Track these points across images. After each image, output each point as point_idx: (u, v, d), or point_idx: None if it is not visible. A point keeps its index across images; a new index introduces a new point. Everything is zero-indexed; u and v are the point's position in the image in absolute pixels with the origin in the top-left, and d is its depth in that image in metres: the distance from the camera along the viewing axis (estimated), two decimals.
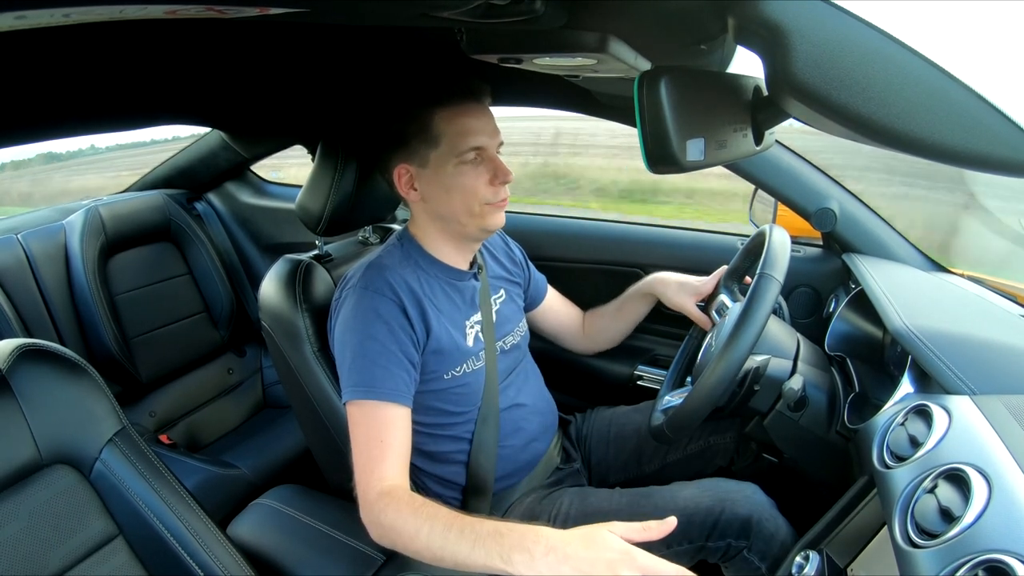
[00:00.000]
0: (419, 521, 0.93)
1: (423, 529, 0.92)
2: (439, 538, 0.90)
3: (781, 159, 1.51)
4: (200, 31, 0.93)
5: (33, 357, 0.91)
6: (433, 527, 0.91)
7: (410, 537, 0.94)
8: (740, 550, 1.12)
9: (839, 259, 1.54)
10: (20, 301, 1.81)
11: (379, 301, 1.11)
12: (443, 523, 0.91)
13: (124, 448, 0.95)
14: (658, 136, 0.62)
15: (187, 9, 0.45)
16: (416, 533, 0.93)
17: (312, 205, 1.32)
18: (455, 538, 0.89)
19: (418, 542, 0.93)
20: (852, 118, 0.51)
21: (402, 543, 0.96)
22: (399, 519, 0.95)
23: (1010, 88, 0.55)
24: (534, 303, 1.52)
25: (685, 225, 1.89)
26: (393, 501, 0.98)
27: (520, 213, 2.00)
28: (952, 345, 0.97)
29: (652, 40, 0.84)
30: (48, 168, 6.86)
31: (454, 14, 0.61)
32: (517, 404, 1.29)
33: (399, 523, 0.95)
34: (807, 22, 0.50)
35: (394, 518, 0.96)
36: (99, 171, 6.60)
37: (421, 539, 0.92)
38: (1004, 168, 0.51)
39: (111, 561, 0.91)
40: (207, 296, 2.26)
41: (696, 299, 1.43)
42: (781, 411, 1.16)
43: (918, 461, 0.80)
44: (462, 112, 1.12)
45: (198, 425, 2.13)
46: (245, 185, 2.49)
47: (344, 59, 1.27)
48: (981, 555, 0.62)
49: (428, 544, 0.92)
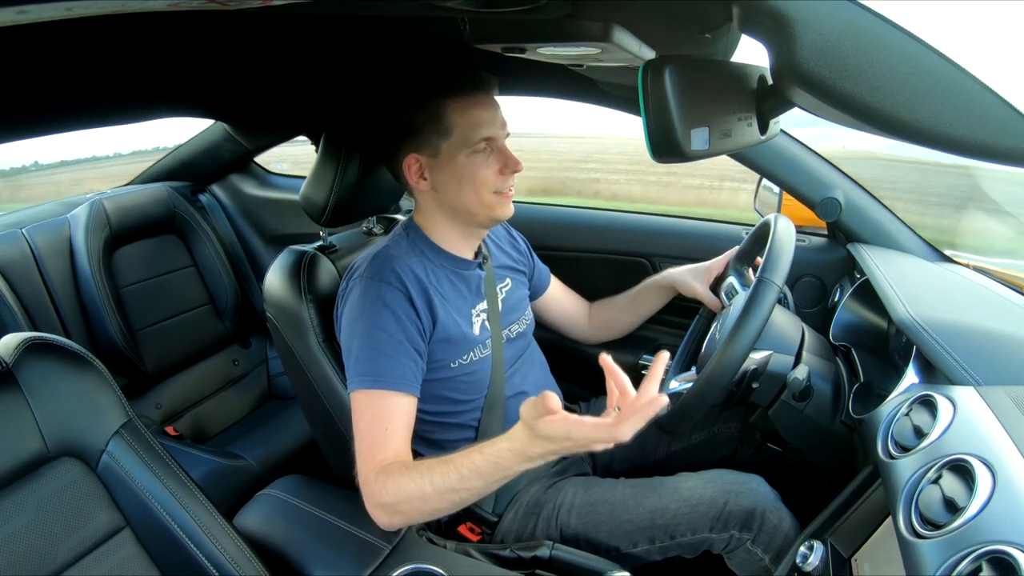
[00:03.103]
0: (419, 482, 0.97)
1: (426, 488, 0.97)
2: (448, 491, 0.97)
3: (786, 148, 1.50)
4: (203, 23, 0.93)
5: (39, 350, 0.91)
6: (434, 482, 0.97)
7: (420, 499, 0.98)
8: (744, 542, 1.12)
9: (844, 249, 1.54)
10: (25, 295, 1.82)
11: (386, 290, 1.11)
12: (440, 474, 0.97)
13: (130, 440, 0.95)
14: (662, 125, 0.62)
15: (189, 1, 0.44)
16: (422, 494, 0.97)
17: (316, 196, 1.32)
18: (460, 481, 0.96)
19: (430, 502, 0.98)
20: (857, 107, 0.51)
21: (413, 510, 1.00)
22: (399, 489, 0.98)
23: (1014, 78, 0.55)
24: (537, 292, 1.52)
25: (690, 214, 1.88)
26: (386, 474, 1.00)
27: (524, 203, 1.99)
28: (957, 336, 0.97)
29: (656, 29, 0.83)
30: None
31: (457, 3, 0.61)
32: (523, 392, 1.30)
33: (401, 492, 0.98)
34: (812, 11, 0.49)
35: (395, 491, 0.99)
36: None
37: (430, 499, 0.98)
38: (1009, 158, 0.51)
39: (118, 553, 0.91)
40: (212, 288, 2.26)
41: (708, 280, 1.45)
42: (786, 401, 1.16)
43: (922, 451, 0.80)
44: (473, 103, 1.12)
45: (204, 417, 2.14)
46: (249, 177, 2.48)
47: (348, 50, 1.26)
48: (985, 546, 0.62)
49: (440, 500, 0.98)
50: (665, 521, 1.14)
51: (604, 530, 1.17)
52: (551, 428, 0.87)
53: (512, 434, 0.94)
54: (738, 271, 1.42)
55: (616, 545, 1.16)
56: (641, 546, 1.16)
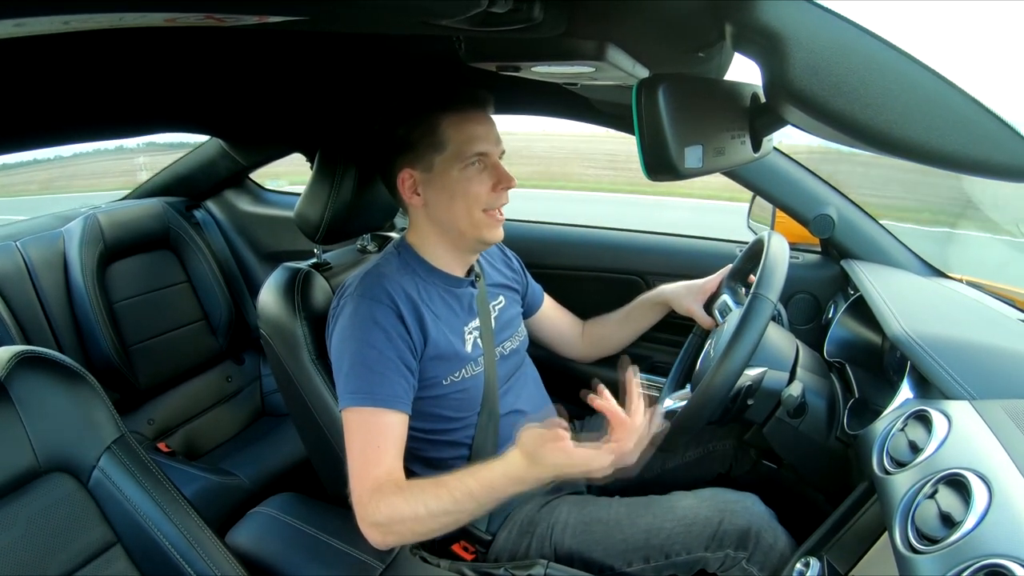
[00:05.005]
0: (412, 504, 0.98)
1: (420, 510, 0.97)
2: (441, 513, 0.98)
3: (779, 165, 1.51)
4: (199, 39, 0.94)
5: (31, 364, 0.91)
6: (428, 504, 0.97)
7: (413, 520, 0.98)
8: (739, 561, 1.11)
9: (837, 265, 1.54)
10: (18, 308, 1.80)
11: (376, 308, 1.11)
12: (434, 496, 0.98)
13: (122, 456, 0.94)
14: (656, 143, 0.62)
15: (186, 17, 0.45)
16: (416, 515, 0.98)
17: (311, 213, 1.32)
18: (454, 504, 0.97)
19: (424, 524, 0.99)
20: (850, 124, 0.51)
21: (407, 530, 1.00)
22: (392, 510, 0.99)
23: (1006, 92, 0.56)
24: (531, 311, 1.52)
25: (683, 232, 1.89)
26: (380, 494, 1.00)
27: (517, 221, 2.00)
28: (951, 350, 0.97)
29: (650, 48, 0.84)
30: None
31: (452, 22, 0.61)
32: (516, 410, 1.29)
33: (395, 512, 0.98)
34: (804, 29, 0.50)
35: (388, 511, 0.99)
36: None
37: (423, 521, 0.98)
38: (1001, 173, 0.51)
39: (109, 569, 0.90)
40: (206, 304, 2.25)
41: (702, 299, 1.45)
42: (780, 418, 1.16)
43: (918, 466, 0.80)
44: (468, 119, 1.13)
45: (197, 433, 2.12)
46: (244, 193, 2.48)
47: (344, 67, 1.27)
48: (982, 560, 0.62)
49: (434, 522, 0.99)
50: (660, 540, 1.14)
51: (599, 549, 1.16)
52: (553, 455, 0.88)
53: (508, 458, 0.95)
54: (732, 289, 1.42)
55: (611, 564, 1.15)
56: (636, 565, 1.15)
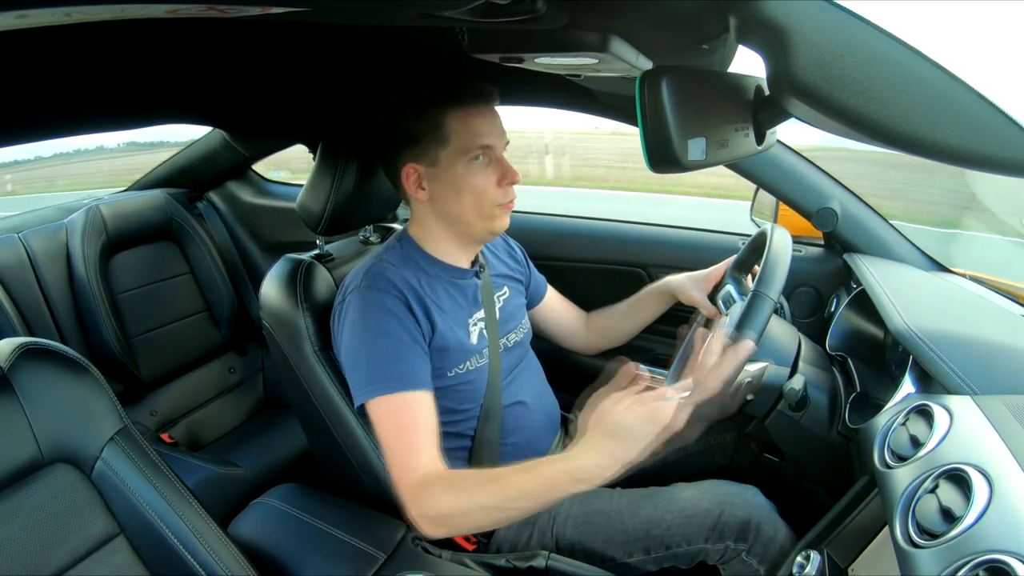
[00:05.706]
0: (461, 500, 0.96)
1: (471, 506, 0.96)
2: (493, 509, 0.95)
3: (782, 159, 1.51)
4: (202, 30, 0.93)
5: (34, 356, 0.91)
6: (479, 501, 0.95)
7: (463, 516, 0.97)
8: (739, 552, 1.12)
9: (840, 259, 1.54)
10: (21, 300, 1.81)
11: (384, 298, 1.11)
12: (487, 493, 0.95)
13: (125, 447, 0.94)
14: (659, 136, 0.62)
15: (188, 8, 0.45)
16: (466, 511, 0.96)
17: (313, 205, 1.32)
18: (507, 501, 0.94)
19: (474, 519, 0.98)
20: (853, 118, 0.51)
21: (457, 524, 1.01)
22: (442, 504, 0.97)
23: (1010, 87, 0.55)
24: (534, 302, 1.52)
25: (686, 225, 1.89)
26: (428, 488, 0.99)
27: (520, 213, 2.00)
28: (953, 345, 0.97)
29: (653, 39, 0.84)
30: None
31: (455, 13, 0.61)
32: (519, 402, 1.29)
33: (444, 507, 0.97)
34: (808, 22, 0.50)
35: (437, 506, 0.97)
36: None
37: (474, 516, 0.97)
38: (1005, 168, 0.51)
39: (112, 560, 0.90)
40: (208, 295, 2.26)
41: (706, 288, 1.44)
42: (782, 411, 1.16)
43: (919, 461, 0.80)
44: (472, 112, 1.12)
45: (199, 424, 2.13)
46: (246, 184, 2.48)
47: (346, 58, 1.27)
48: (982, 555, 0.62)
49: (485, 518, 0.98)
50: (660, 532, 1.14)
51: (600, 540, 1.17)
52: (630, 415, 0.87)
53: (574, 455, 0.91)
54: (736, 279, 1.42)
55: (612, 555, 1.16)
56: (636, 556, 1.15)
